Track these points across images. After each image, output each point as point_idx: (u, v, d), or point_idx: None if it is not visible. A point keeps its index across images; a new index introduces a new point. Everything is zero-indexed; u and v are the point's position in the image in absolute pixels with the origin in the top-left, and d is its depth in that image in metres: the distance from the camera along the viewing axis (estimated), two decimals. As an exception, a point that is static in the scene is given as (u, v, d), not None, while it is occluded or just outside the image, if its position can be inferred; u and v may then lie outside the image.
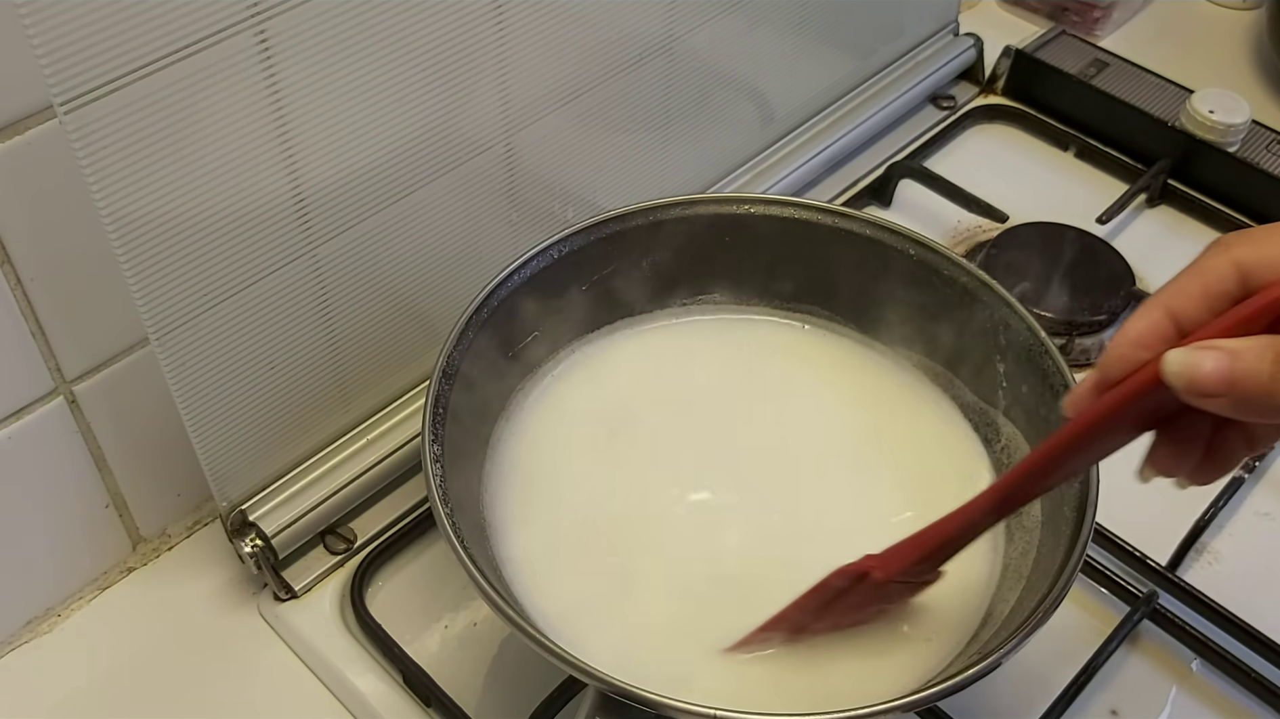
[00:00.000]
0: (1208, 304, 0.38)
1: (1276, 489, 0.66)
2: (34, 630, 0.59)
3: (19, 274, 0.49)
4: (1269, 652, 0.57)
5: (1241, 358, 0.35)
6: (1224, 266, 0.37)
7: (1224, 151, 0.82)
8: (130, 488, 0.59)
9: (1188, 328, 0.38)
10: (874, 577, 0.48)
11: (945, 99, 0.90)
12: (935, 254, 0.57)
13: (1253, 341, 0.35)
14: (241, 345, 0.53)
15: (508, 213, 0.62)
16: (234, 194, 0.48)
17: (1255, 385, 0.35)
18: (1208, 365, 0.35)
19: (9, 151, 0.46)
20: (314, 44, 0.47)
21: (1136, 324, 0.38)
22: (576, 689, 0.53)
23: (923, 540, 0.47)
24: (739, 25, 0.69)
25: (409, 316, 0.60)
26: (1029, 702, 0.56)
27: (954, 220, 0.81)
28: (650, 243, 0.59)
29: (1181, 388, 0.36)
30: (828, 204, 0.60)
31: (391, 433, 0.62)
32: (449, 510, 0.47)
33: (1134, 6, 1.00)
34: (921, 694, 0.43)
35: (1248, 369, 0.35)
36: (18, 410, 0.53)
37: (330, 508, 0.60)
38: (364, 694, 0.55)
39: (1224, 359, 0.35)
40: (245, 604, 0.60)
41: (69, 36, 0.39)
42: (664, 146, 0.70)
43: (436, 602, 0.59)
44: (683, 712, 0.41)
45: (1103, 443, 0.41)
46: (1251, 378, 0.35)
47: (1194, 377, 0.36)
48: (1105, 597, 0.60)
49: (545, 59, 0.58)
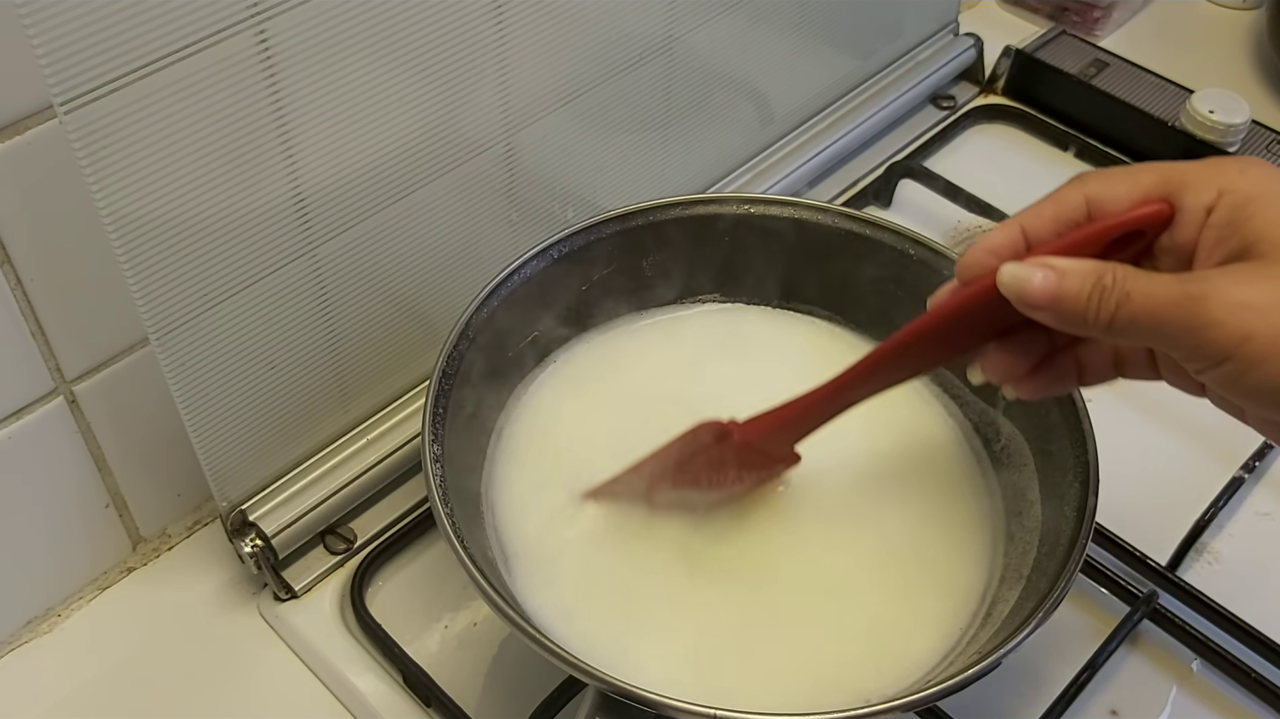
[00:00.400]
0: (1056, 227, 0.41)
1: (1276, 489, 0.66)
2: (34, 630, 0.59)
3: (19, 274, 0.49)
4: (1269, 652, 0.57)
5: (1068, 276, 0.39)
6: (1075, 196, 0.41)
7: (1224, 152, 0.82)
8: (130, 488, 0.59)
9: (1036, 244, 0.42)
10: (734, 437, 0.51)
11: (945, 99, 0.90)
12: (935, 254, 0.57)
13: (1080, 263, 0.39)
14: (241, 345, 0.53)
15: (508, 213, 0.62)
16: (234, 194, 0.48)
17: (1075, 303, 0.39)
18: (1036, 280, 0.39)
19: (9, 151, 0.46)
20: (314, 44, 0.47)
21: (995, 235, 0.42)
22: (576, 689, 0.53)
23: (782, 413, 0.51)
24: (739, 25, 0.69)
25: (409, 316, 0.60)
26: (1029, 702, 0.56)
27: (954, 220, 0.81)
28: (650, 243, 0.59)
29: (1011, 296, 0.40)
30: (828, 204, 0.60)
31: (391, 433, 0.62)
32: (449, 510, 0.47)
33: (1134, 6, 1.00)
34: (921, 694, 0.43)
35: (1071, 288, 0.39)
36: (18, 410, 0.53)
37: (330, 508, 0.60)
38: (364, 694, 0.55)
39: (1051, 276, 0.39)
40: (245, 604, 0.60)
41: (69, 36, 0.39)
42: (664, 146, 0.70)
43: (436, 602, 0.59)
44: (683, 712, 0.41)
45: (953, 339, 0.45)
46: (1073, 296, 0.39)
47: (1022, 289, 0.39)
48: (1105, 597, 0.60)
49: (545, 59, 0.58)
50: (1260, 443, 0.66)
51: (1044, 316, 0.40)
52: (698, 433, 0.52)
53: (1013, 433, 0.55)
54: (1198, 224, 0.39)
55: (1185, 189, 0.40)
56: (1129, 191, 0.40)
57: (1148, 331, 0.38)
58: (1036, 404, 0.53)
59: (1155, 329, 0.38)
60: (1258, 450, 0.66)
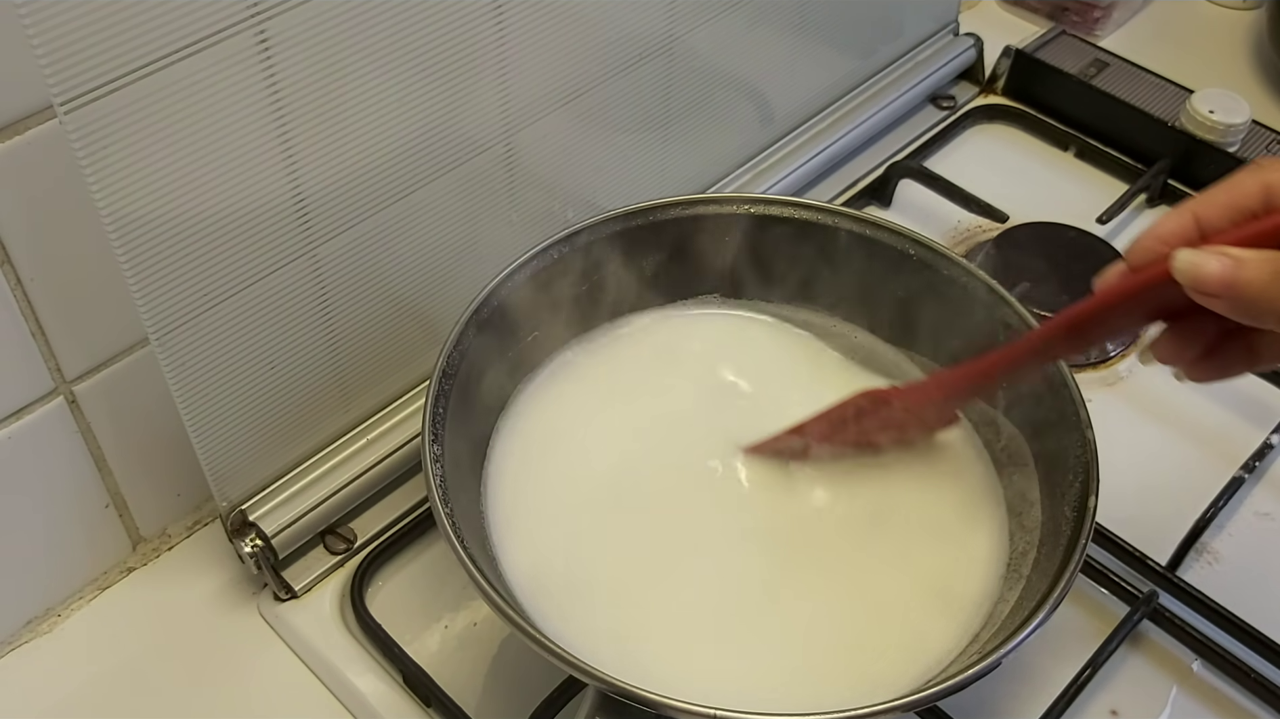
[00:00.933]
0: (1231, 215, 0.41)
1: (1276, 489, 0.66)
2: (34, 630, 0.59)
3: (19, 274, 0.49)
4: (1269, 652, 0.57)
5: (1245, 266, 0.38)
6: (1253, 184, 0.41)
7: (1224, 151, 0.82)
8: (130, 488, 0.59)
9: (1209, 233, 0.41)
10: (894, 404, 0.53)
11: (945, 99, 0.90)
12: (935, 254, 0.57)
13: (1259, 253, 0.39)
14: (241, 345, 0.53)
15: (508, 213, 0.62)
16: (234, 194, 0.48)
17: (1253, 292, 0.38)
18: (1212, 266, 0.39)
19: (9, 151, 0.46)
20: (314, 44, 0.47)
21: (1165, 223, 0.42)
22: (576, 689, 0.53)
23: (940, 382, 0.53)
24: (739, 25, 0.69)
25: (409, 316, 0.60)
26: (1029, 702, 0.56)
27: (954, 220, 0.81)
28: (650, 243, 0.59)
29: (1186, 283, 0.40)
30: (828, 204, 0.60)
31: (391, 433, 0.62)
32: (449, 510, 0.47)
33: (1134, 6, 1.00)
34: (921, 694, 0.43)
35: (1249, 276, 0.38)
36: (18, 410, 0.53)
37: (330, 508, 0.60)
38: (364, 694, 0.55)
39: (1229, 264, 0.39)
40: (245, 604, 0.60)
41: (69, 36, 0.39)
42: (664, 146, 0.70)
43: (436, 602, 0.59)
44: (683, 712, 0.41)
45: (1118, 320, 0.45)
46: (1251, 285, 0.38)
47: (1198, 275, 0.39)
48: (1105, 597, 0.60)
49: (545, 59, 0.58)
50: (1260, 443, 0.66)
51: (1218, 304, 0.39)
52: (858, 400, 0.53)
53: (1013, 433, 0.55)
54: None
55: None
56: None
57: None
58: (1036, 404, 0.53)
59: None
60: (1258, 450, 0.66)
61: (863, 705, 0.42)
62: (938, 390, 0.54)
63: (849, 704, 0.42)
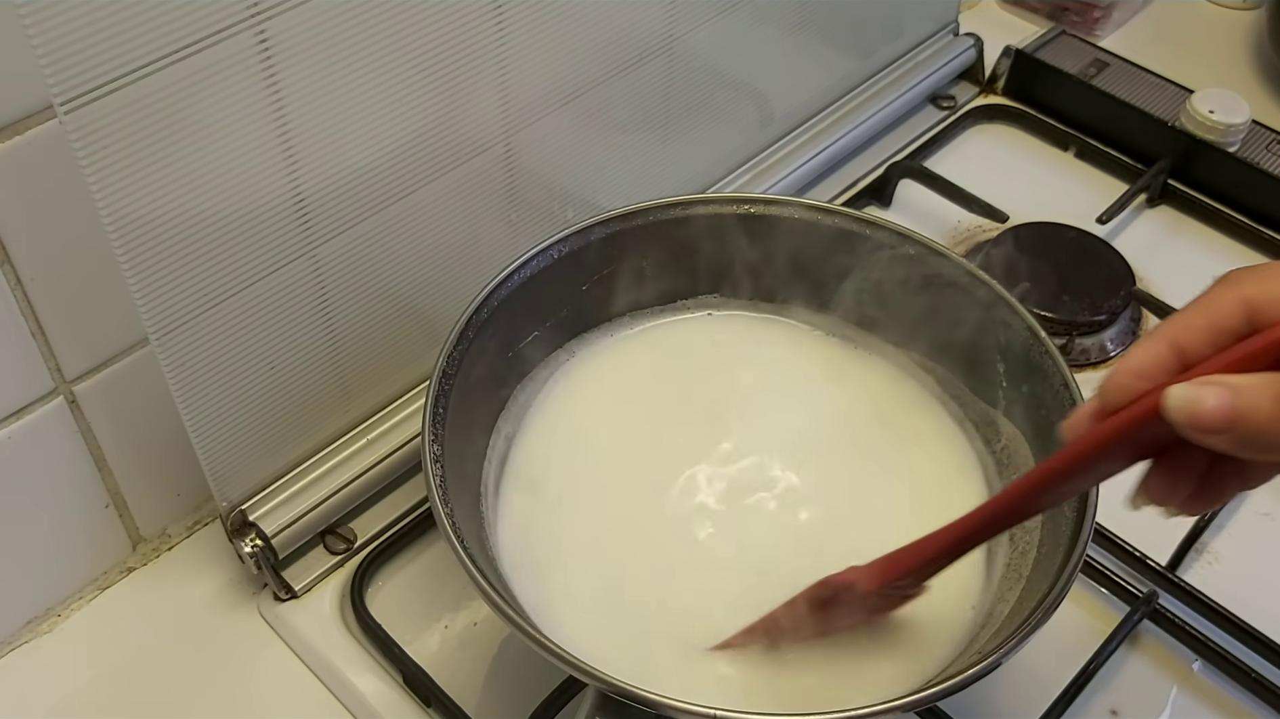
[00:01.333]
0: (1213, 339, 0.37)
1: (1276, 489, 0.65)
2: (34, 630, 0.59)
3: (19, 274, 0.49)
4: (1269, 652, 0.57)
5: (1244, 394, 0.34)
6: (1231, 303, 0.37)
7: (1224, 151, 0.82)
8: (130, 488, 0.59)
9: (1191, 361, 0.37)
10: (859, 588, 0.48)
11: (945, 99, 0.90)
12: (935, 254, 0.57)
13: (1256, 378, 0.35)
14: (241, 345, 0.53)
15: (508, 213, 0.62)
16: (234, 194, 0.48)
17: (1257, 423, 0.34)
18: (1210, 402, 0.35)
19: (9, 151, 0.46)
20: (314, 44, 0.47)
21: (1139, 354, 0.38)
22: (576, 689, 0.53)
23: (909, 555, 0.47)
24: (739, 25, 0.69)
25: (409, 316, 0.60)
26: (1029, 702, 0.56)
27: (954, 220, 0.81)
28: (650, 243, 0.59)
29: (1183, 423, 0.35)
30: (828, 204, 0.60)
31: (391, 433, 0.62)
32: (449, 510, 0.47)
33: (1134, 6, 1.00)
34: (921, 694, 0.43)
35: (1250, 405, 0.34)
36: (18, 410, 0.53)
37: (330, 508, 0.60)
38: (364, 694, 0.55)
39: (1226, 395, 0.35)
40: (245, 604, 0.60)
41: (69, 36, 0.39)
42: (664, 146, 0.70)
43: (436, 602, 0.59)
44: (683, 712, 0.41)
45: (1098, 469, 0.41)
46: (1253, 415, 0.34)
47: (1195, 412, 0.35)
48: (1105, 597, 0.60)
49: (545, 59, 0.58)
50: (1260, 443, 0.66)
51: (1219, 441, 0.35)
52: (820, 589, 0.49)
53: (1013, 433, 0.55)
54: None
55: None
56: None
57: None
58: (1037, 404, 0.53)
59: None
60: (1258, 450, 0.66)
61: (863, 705, 0.42)
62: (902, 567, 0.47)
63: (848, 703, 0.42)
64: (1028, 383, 0.54)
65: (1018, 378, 0.55)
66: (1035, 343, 0.53)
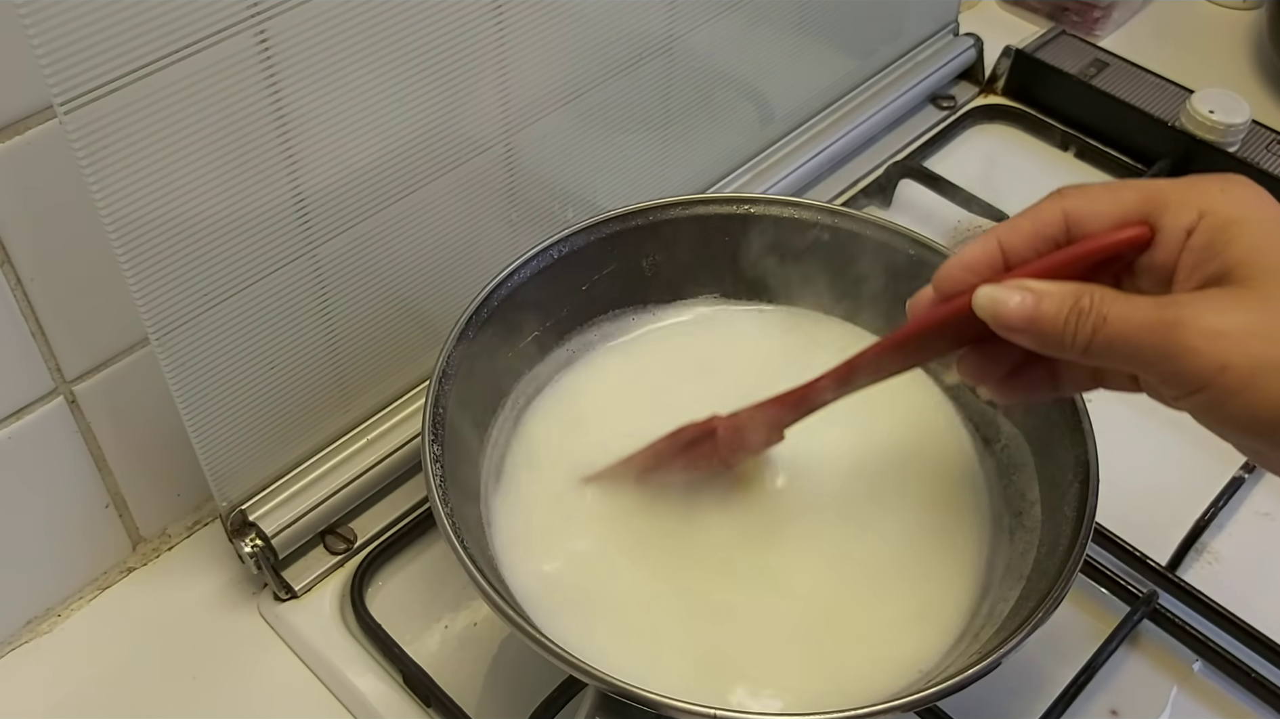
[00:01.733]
0: (1035, 244, 0.41)
1: (1276, 489, 0.66)
2: (34, 630, 0.59)
3: (19, 274, 0.49)
4: (1269, 652, 0.57)
5: (1045, 299, 0.39)
6: (1054, 212, 0.41)
7: (1224, 151, 0.82)
8: (130, 488, 0.59)
9: (1013, 262, 0.41)
10: (718, 433, 0.52)
11: (945, 99, 0.90)
12: (935, 254, 0.57)
13: (1059, 287, 0.39)
14: (241, 345, 0.53)
15: (508, 213, 0.62)
16: (234, 194, 0.48)
17: (1052, 327, 0.39)
18: (1013, 302, 0.39)
19: (9, 151, 0.46)
20: (314, 44, 0.47)
21: (971, 250, 0.42)
22: (576, 689, 0.53)
23: (763, 410, 0.51)
24: (739, 25, 0.69)
25: (409, 316, 0.60)
26: (1029, 702, 0.56)
27: (954, 220, 0.81)
28: (650, 243, 0.59)
29: (987, 318, 0.40)
30: (828, 204, 0.60)
31: (391, 433, 0.62)
32: (449, 510, 0.47)
33: (1134, 6, 1.00)
34: (921, 694, 0.43)
35: (1049, 311, 0.39)
36: (18, 410, 0.53)
37: (330, 508, 0.60)
38: (364, 694, 0.55)
39: (1029, 299, 0.39)
40: (245, 604, 0.60)
41: (69, 36, 0.39)
42: (664, 146, 0.70)
43: (436, 602, 0.59)
44: (683, 712, 0.41)
45: (930, 346, 0.46)
46: (1050, 319, 0.39)
47: (998, 311, 0.40)
48: (1105, 597, 0.60)
49: (545, 59, 0.58)
50: (1260, 443, 0.66)
51: (1021, 339, 0.40)
52: (682, 433, 0.53)
53: (1013, 433, 0.55)
54: (1178, 246, 0.39)
55: (1166, 209, 0.39)
56: (1109, 210, 0.40)
57: (1124, 356, 0.38)
58: (1036, 404, 0.53)
59: (1132, 354, 0.38)
60: (1258, 450, 0.66)
61: (863, 705, 0.42)
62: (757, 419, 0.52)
63: (847, 702, 0.42)
64: None
65: (1018, 378, 0.55)
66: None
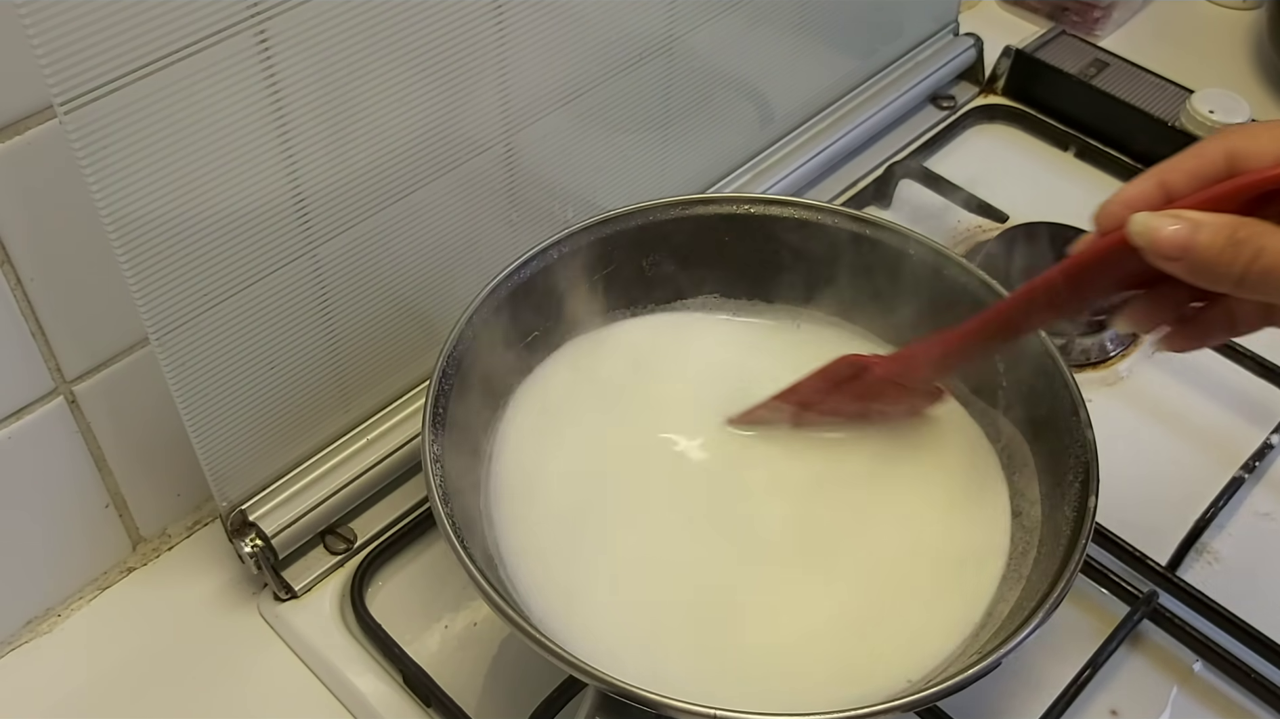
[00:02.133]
0: (1195, 181, 0.41)
1: (1276, 489, 0.66)
2: (34, 630, 0.59)
3: (19, 274, 0.49)
4: (1269, 652, 0.57)
5: (1202, 229, 0.39)
6: (1216, 150, 0.41)
7: (1224, 152, 0.82)
8: (130, 488, 0.59)
9: (1173, 198, 0.41)
10: (874, 372, 0.53)
11: (945, 99, 0.90)
12: (935, 254, 0.57)
13: (1215, 218, 0.39)
14: (241, 345, 0.53)
15: (508, 213, 0.62)
16: (234, 194, 0.48)
17: (1207, 255, 0.39)
18: (1168, 229, 0.39)
19: (9, 151, 0.46)
20: (314, 44, 0.47)
21: (1130, 188, 0.42)
22: (576, 689, 0.53)
23: (922, 350, 0.52)
24: (739, 25, 0.69)
25: (409, 316, 0.60)
26: (1029, 702, 0.56)
27: (954, 220, 0.81)
28: (650, 243, 0.59)
29: (1142, 245, 0.40)
30: (828, 204, 0.60)
31: (391, 433, 0.62)
32: (449, 510, 0.47)
33: (1134, 6, 1.00)
34: (921, 694, 0.43)
35: (1205, 240, 0.39)
36: (18, 410, 0.53)
37: (330, 508, 0.60)
38: (364, 694, 0.55)
39: (1185, 227, 0.39)
40: (245, 604, 0.60)
41: (69, 36, 0.39)
42: (664, 146, 0.70)
43: (436, 602, 0.59)
44: (683, 712, 0.41)
45: (1086, 288, 0.45)
46: (1206, 248, 0.39)
47: (1154, 238, 0.40)
48: (1105, 597, 0.60)
49: (545, 59, 0.58)
50: (1260, 443, 0.66)
51: (1175, 268, 0.40)
52: (837, 366, 0.53)
53: (1013, 433, 0.55)
54: None
55: None
56: (1272, 147, 0.40)
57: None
58: (1036, 404, 0.53)
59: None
60: (1257, 450, 0.66)
61: (863, 705, 0.42)
62: (917, 357, 0.53)
63: (845, 701, 0.42)
64: (1028, 383, 0.54)
65: (1018, 378, 0.55)
66: (1035, 343, 0.53)
